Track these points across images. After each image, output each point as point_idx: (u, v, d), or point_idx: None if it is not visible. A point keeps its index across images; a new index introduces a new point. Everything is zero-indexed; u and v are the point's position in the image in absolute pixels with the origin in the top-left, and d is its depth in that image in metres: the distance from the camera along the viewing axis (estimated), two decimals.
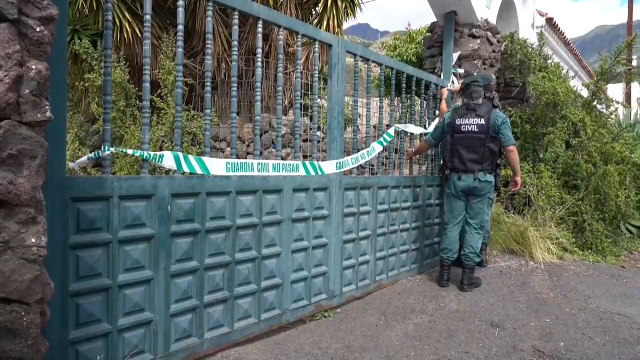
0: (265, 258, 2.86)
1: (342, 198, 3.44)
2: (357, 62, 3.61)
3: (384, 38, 18.66)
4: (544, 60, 6.52)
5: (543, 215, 5.20)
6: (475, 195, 3.81)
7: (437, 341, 2.84)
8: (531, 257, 4.86)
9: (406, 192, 4.19)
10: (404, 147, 4.38)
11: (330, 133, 3.40)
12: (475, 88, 3.86)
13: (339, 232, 3.42)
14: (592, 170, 5.36)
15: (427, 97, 4.68)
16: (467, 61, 5.54)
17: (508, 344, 2.82)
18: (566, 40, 9.60)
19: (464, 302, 3.56)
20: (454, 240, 3.94)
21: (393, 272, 4.06)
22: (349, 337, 2.89)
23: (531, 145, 6.03)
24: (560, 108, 5.81)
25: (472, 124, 3.77)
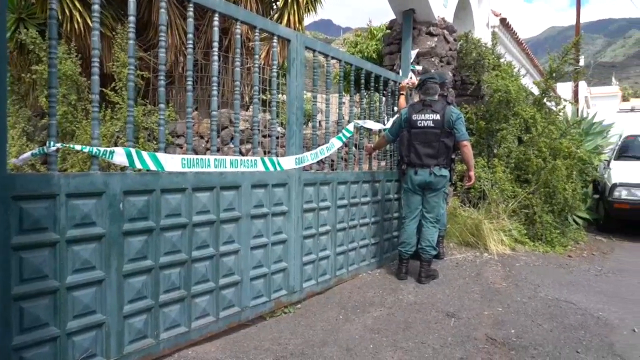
0: (224, 255, 2.82)
1: (302, 194, 3.44)
2: (316, 57, 3.61)
3: (347, 34, 18.77)
4: (497, 59, 6.75)
5: (497, 208, 5.40)
6: (432, 190, 3.90)
7: (395, 333, 2.90)
8: (486, 249, 5.04)
9: (366, 187, 4.24)
10: (363, 143, 4.43)
11: (289, 129, 3.38)
12: (431, 84, 3.95)
13: (299, 228, 3.42)
14: (542, 165, 5.61)
15: (386, 93, 4.74)
16: (424, 59, 5.65)
17: (463, 333, 2.92)
18: (519, 39, 9.96)
19: (422, 294, 3.65)
20: (412, 234, 4.03)
21: (353, 267, 4.11)
22: (308, 332, 2.90)
23: (486, 141, 6.23)
24: (513, 105, 6.04)
25: (428, 120, 3.85)
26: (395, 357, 2.58)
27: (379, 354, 2.60)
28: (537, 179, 5.60)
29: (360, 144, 4.41)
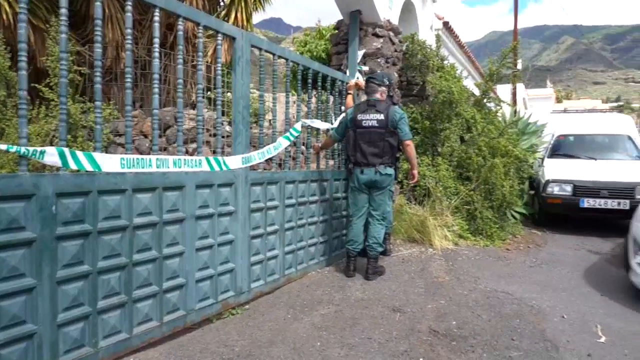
0: (167, 258, 2.74)
1: (249, 193, 3.41)
2: (262, 56, 3.58)
3: (297, 33, 18.77)
4: (441, 61, 6.99)
5: (441, 205, 5.60)
6: (377, 188, 3.98)
7: (342, 329, 2.94)
8: (430, 245, 5.21)
9: (314, 186, 4.27)
10: (310, 142, 4.45)
11: (235, 128, 3.34)
12: (370, 84, 4.04)
13: (246, 227, 3.39)
14: (482, 163, 5.87)
15: (333, 92, 4.79)
16: (371, 59, 5.76)
17: (407, 326, 3.00)
18: (461, 43, 10.39)
19: (369, 291, 3.72)
20: (359, 231, 4.10)
21: (302, 266, 4.12)
22: (256, 332, 2.88)
23: (430, 140, 6.45)
24: (455, 106, 6.28)
25: (372, 120, 3.93)
26: (342, 353, 2.61)
27: (326, 351, 2.63)
28: (477, 177, 5.86)
29: (308, 143, 4.43)
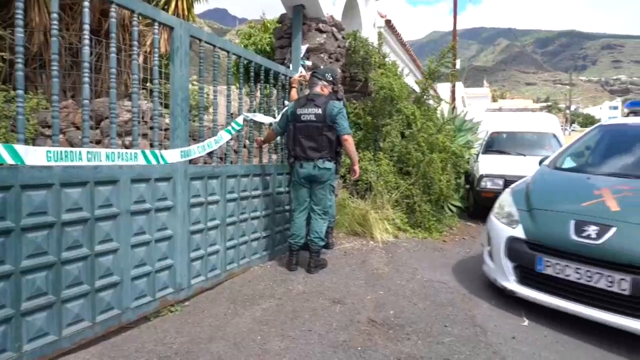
0: (100, 255, 2.63)
1: (188, 188, 3.34)
2: (202, 47, 3.50)
3: (242, 25, 18.49)
4: (383, 58, 7.17)
5: (382, 199, 5.75)
6: (317, 182, 4.02)
7: (284, 323, 2.96)
8: (372, 238, 5.35)
9: (256, 180, 4.24)
10: (253, 136, 4.42)
11: (173, 120, 3.25)
12: (312, 78, 4.08)
13: (186, 223, 3.31)
14: (420, 158, 6.09)
15: (276, 86, 4.77)
16: (314, 54, 5.79)
17: (347, 317, 3.08)
18: (402, 41, 10.67)
19: (311, 284, 3.76)
20: (301, 226, 4.13)
21: (244, 260, 4.09)
22: (195, 329, 2.84)
23: (372, 136, 6.60)
24: (396, 102, 6.47)
25: (311, 114, 3.96)
26: (282, 346, 2.63)
27: (267, 345, 2.64)
28: (416, 171, 6.08)
29: (251, 137, 4.40)
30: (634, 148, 3.95)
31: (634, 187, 3.29)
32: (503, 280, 3.38)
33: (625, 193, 3.19)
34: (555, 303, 3.01)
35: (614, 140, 4.35)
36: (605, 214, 3.01)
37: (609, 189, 3.28)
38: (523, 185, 3.88)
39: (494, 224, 3.62)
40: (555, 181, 3.94)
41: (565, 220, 3.08)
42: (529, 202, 3.48)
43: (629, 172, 3.62)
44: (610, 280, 2.75)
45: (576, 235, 2.95)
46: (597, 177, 3.65)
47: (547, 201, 3.44)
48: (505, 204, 3.70)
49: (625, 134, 4.32)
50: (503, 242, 3.37)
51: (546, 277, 3.07)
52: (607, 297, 2.78)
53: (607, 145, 4.35)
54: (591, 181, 3.58)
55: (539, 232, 3.19)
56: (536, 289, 3.15)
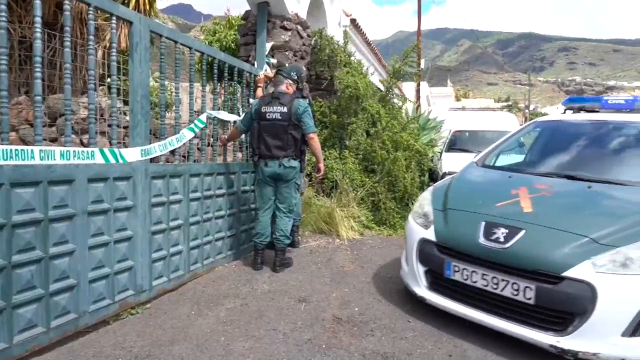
0: (55, 258, 2.53)
1: (149, 187, 3.25)
2: (163, 43, 3.42)
3: (208, 22, 18.17)
4: (349, 57, 7.21)
5: (347, 197, 5.80)
6: (283, 181, 4.01)
7: (248, 323, 2.93)
8: (338, 235, 5.38)
9: (221, 179, 4.18)
10: (217, 134, 4.35)
11: (133, 118, 3.16)
12: (280, 77, 4.06)
13: (147, 223, 3.23)
14: (385, 156, 6.18)
15: (241, 84, 4.72)
16: (279, 52, 5.76)
17: (312, 316, 3.08)
18: (367, 40, 10.77)
19: (276, 283, 3.75)
20: (266, 224, 4.10)
21: (209, 260, 4.03)
22: (157, 332, 2.77)
23: (338, 134, 6.63)
24: (361, 101, 6.52)
25: (276, 112, 3.94)
26: (246, 346, 2.61)
27: (231, 345, 2.61)
28: (381, 169, 6.16)
29: (214, 135, 4.33)
30: (565, 145, 3.75)
31: (553, 186, 3.10)
32: (414, 286, 3.15)
33: (542, 193, 2.99)
34: (463, 311, 2.78)
35: (547, 137, 4.16)
36: (517, 215, 2.78)
37: (527, 188, 3.05)
38: (445, 183, 3.62)
39: (410, 225, 3.36)
40: (476, 179, 3.71)
41: (476, 222, 2.84)
42: (445, 202, 3.22)
43: (554, 170, 3.43)
44: (515, 288, 2.53)
45: (485, 239, 2.71)
46: (519, 176, 3.40)
47: (463, 201, 3.19)
48: (425, 203, 3.41)
49: (559, 130, 4.14)
50: (415, 245, 3.13)
51: (455, 283, 2.83)
52: (513, 307, 2.57)
53: (540, 142, 4.19)
54: (512, 180, 3.34)
55: (449, 235, 2.96)
56: (445, 296, 2.92)
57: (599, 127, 3.77)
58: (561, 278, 2.41)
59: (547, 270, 2.45)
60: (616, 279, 2.33)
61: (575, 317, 2.38)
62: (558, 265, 2.44)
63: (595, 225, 2.60)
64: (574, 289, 2.37)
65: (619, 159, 3.43)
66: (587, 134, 3.75)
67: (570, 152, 3.64)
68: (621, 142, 3.53)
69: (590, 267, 2.36)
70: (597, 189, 2.96)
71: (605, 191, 2.97)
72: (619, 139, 3.56)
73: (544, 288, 2.44)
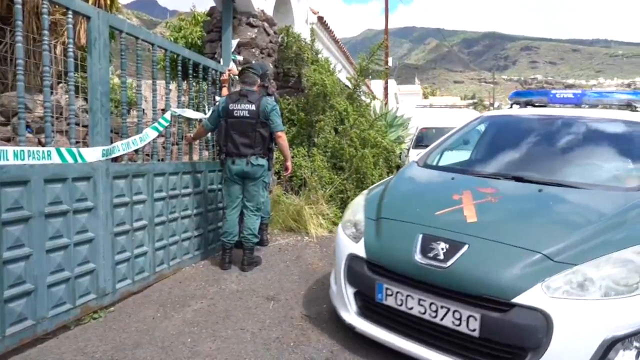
0: (9, 262, 2.42)
1: (111, 187, 3.16)
2: (123, 39, 3.33)
3: (173, 18, 17.80)
4: (316, 54, 7.21)
5: (316, 194, 5.80)
6: (250, 179, 3.98)
7: (215, 323, 2.90)
8: (307, 233, 5.37)
9: (187, 178, 4.11)
10: (182, 133, 4.27)
11: (92, 116, 3.06)
12: (249, 74, 4.01)
13: (109, 224, 3.14)
14: (353, 154, 6.22)
15: (206, 81, 4.65)
16: (245, 49, 5.70)
17: (280, 314, 3.07)
18: (335, 37, 10.80)
19: (244, 282, 3.72)
20: (234, 223, 4.06)
21: (175, 261, 3.96)
22: (121, 335, 2.70)
23: (306, 132, 6.62)
24: (329, 98, 6.54)
25: (244, 110, 3.91)
26: (213, 347, 2.58)
27: (197, 347, 2.57)
28: (349, 166, 6.19)
29: (180, 133, 4.25)
30: (513, 143, 3.36)
31: (500, 190, 2.67)
32: (342, 310, 2.66)
33: (488, 198, 2.56)
34: (397, 343, 2.33)
35: (494, 134, 3.80)
36: (459, 226, 2.34)
37: (471, 192, 2.62)
38: (382, 187, 3.15)
39: (339, 236, 2.86)
40: (416, 182, 3.26)
41: (413, 234, 2.37)
42: (379, 209, 2.74)
43: (501, 171, 3.02)
44: (457, 317, 2.11)
45: (422, 255, 2.25)
46: (462, 177, 2.97)
47: (398, 208, 2.72)
48: (357, 210, 2.92)
49: (507, 126, 3.77)
50: (344, 261, 2.64)
51: (387, 309, 2.38)
52: (455, 339, 2.17)
53: (487, 139, 3.82)
54: (454, 182, 2.90)
55: (381, 250, 2.47)
56: (377, 324, 2.45)
57: (549, 123, 3.43)
58: (510, 305, 2.01)
59: (494, 295, 2.04)
60: (574, 304, 1.94)
61: (527, 352, 2.00)
62: (506, 289, 2.02)
63: (548, 237, 2.20)
64: (526, 318, 1.97)
65: (571, 158, 3.10)
66: (537, 131, 3.39)
67: (518, 150, 3.26)
68: (573, 139, 3.21)
69: (544, 291, 1.98)
70: (549, 193, 2.57)
71: (557, 195, 2.57)
72: (570, 137, 3.23)
73: (491, 317, 2.03)
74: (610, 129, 3.23)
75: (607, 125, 3.27)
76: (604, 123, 3.29)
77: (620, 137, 3.15)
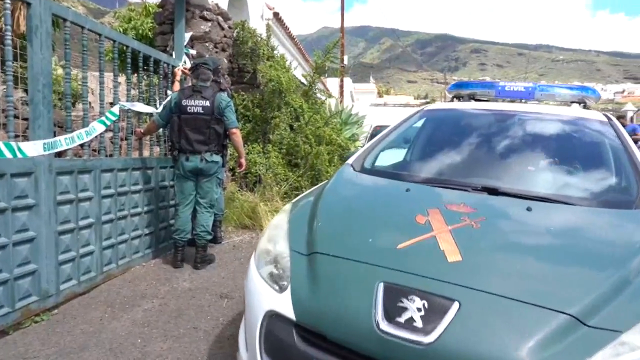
0: None
1: (54, 184, 3.02)
2: (67, 28, 3.18)
3: (122, 8, 17.07)
4: (272, 51, 7.16)
5: (271, 191, 5.78)
6: (204, 176, 3.91)
7: (167, 322, 2.84)
8: (261, 230, 5.35)
9: (136, 174, 3.98)
10: (132, 127, 4.13)
11: (33, 108, 2.90)
12: (204, 70, 3.94)
13: (52, 222, 2.99)
14: (308, 151, 6.25)
15: (158, 75, 4.52)
16: (199, 43, 5.58)
17: (234, 311, 3.05)
18: (291, 34, 10.78)
19: (197, 280, 3.65)
20: (187, 220, 3.98)
21: (124, 260, 3.82)
22: (65, 339, 2.59)
23: (261, 128, 6.58)
24: (284, 95, 6.52)
25: (198, 106, 3.84)
26: (165, 346, 2.53)
27: (147, 347, 2.51)
28: (305, 163, 6.22)
29: (129, 128, 4.11)
30: (469, 143, 2.66)
31: (478, 210, 1.88)
32: None
33: (467, 221, 1.78)
34: None
35: (441, 131, 3.10)
36: (438, 269, 1.53)
37: (440, 212, 1.85)
38: (310, 199, 2.24)
39: (250, 277, 1.94)
40: (358, 194, 2.33)
41: (368, 282, 1.53)
42: (311, 236, 1.84)
43: (466, 179, 2.27)
44: None
45: (387, 321, 1.40)
46: (420, 189, 2.19)
47: (339, 235, 1.84)
48: (277, 236, 1.98)
49: (456, 123, 3.03)
50: (259, 321, 1.66)
51: None
52: None
53: (431, 137, 3.09)
54: (412, 195, 2.10)
55: (319, 308, 1.55)
56: None
57: (507, 120, 2.80)
58: None
59: None
60: None
61: None
62: None
63: (568, 288, 1.46)
64: None
65: (547, 164, 2.46)
66: (496, 129, 2.74)
67: (478, 152, 2.59)
68: (542, 141, 2.63)
69: None
70: (541, 213, 1.90)
71: (552, 216, 1.90)
72: (538, 137, 2.65)
73: None
74: (581, 130, 2.70)
75: (575, 125, 2.74)
76: (572, 122, 2.76)
77: (593, 139, 2.64)
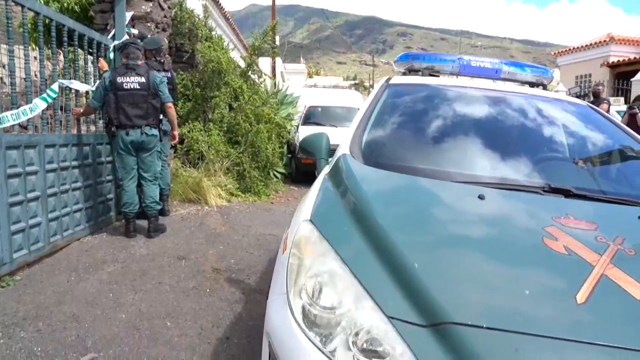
0: None
1: (4, 157, 3.14)
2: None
3: None
4: (209, 31, 7.31)
5: (214, 167, 6.08)
6: (145, 150, 4.12)
7: (133, 280, 3.15)
8: (206, 203, 5.65)
9: (75, 150, 4.08)
10: (69, 105, 4.20)
11: None
12: (133, 49, 4.12)
13: (4, 194, 3.13)
14: (248, 129, 6.58)
15: (92, 53, 4.56)
16: (140, 22, 5.65)
17: (193, 269, 3.42)
18: (226, 15, 10.84)
19: (153, 246, 3.94)
20: (133, 193, 4.17)
21: (68, 232, 3.93)
22: (39, 297, 2.83)
23: (202, 107, 6.78)
24: (224, 75, 6.75)
25: (134, 82, 4.02)
26: (136, 298, 2.86)
27: (121, 299, 2.83)
28: (245, 141, 6.56)
29: (67, 106, 4.18)
30: (484, 129, 2.19)
31: (599, 225, 1.44)
32: None
33: (610, 245, 1.29)
34: None
35: (434, 113, 2.29)
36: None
37: (564, 232, 1.34)
38: (340, 210, 1.56)
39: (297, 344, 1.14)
40: (423, 206, 1.60)
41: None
42: (416, 292, 1.11)
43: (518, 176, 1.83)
44: None
45: None
46: (496, 195, 1.61)
47: (470, 289, 1.14)
48: (343, 290, 1.20)
49: (449, 103, 2.35)
50: None
51: None
52: None
53: (417, 114, 2.37)
54: (499, 206, 1.58)
55: None
56: None
57: (509, 103, 2.38)
58: None
59: None
60: None
61: None
62: None
63: None
64: None
65: (594, 157, 2.17)
66: (504, 114, 2.31)
67: (500, 142, 2.12)
68: (570, 129, 2.30)
69: None
70: None
71: None
72: (544, 124, 2.28)
73: None
74: (584, 115, 2.44)
75: (576, 109, 2.49)
76: (571, 107, 2.50)
77: (603, 125, 2.37)
